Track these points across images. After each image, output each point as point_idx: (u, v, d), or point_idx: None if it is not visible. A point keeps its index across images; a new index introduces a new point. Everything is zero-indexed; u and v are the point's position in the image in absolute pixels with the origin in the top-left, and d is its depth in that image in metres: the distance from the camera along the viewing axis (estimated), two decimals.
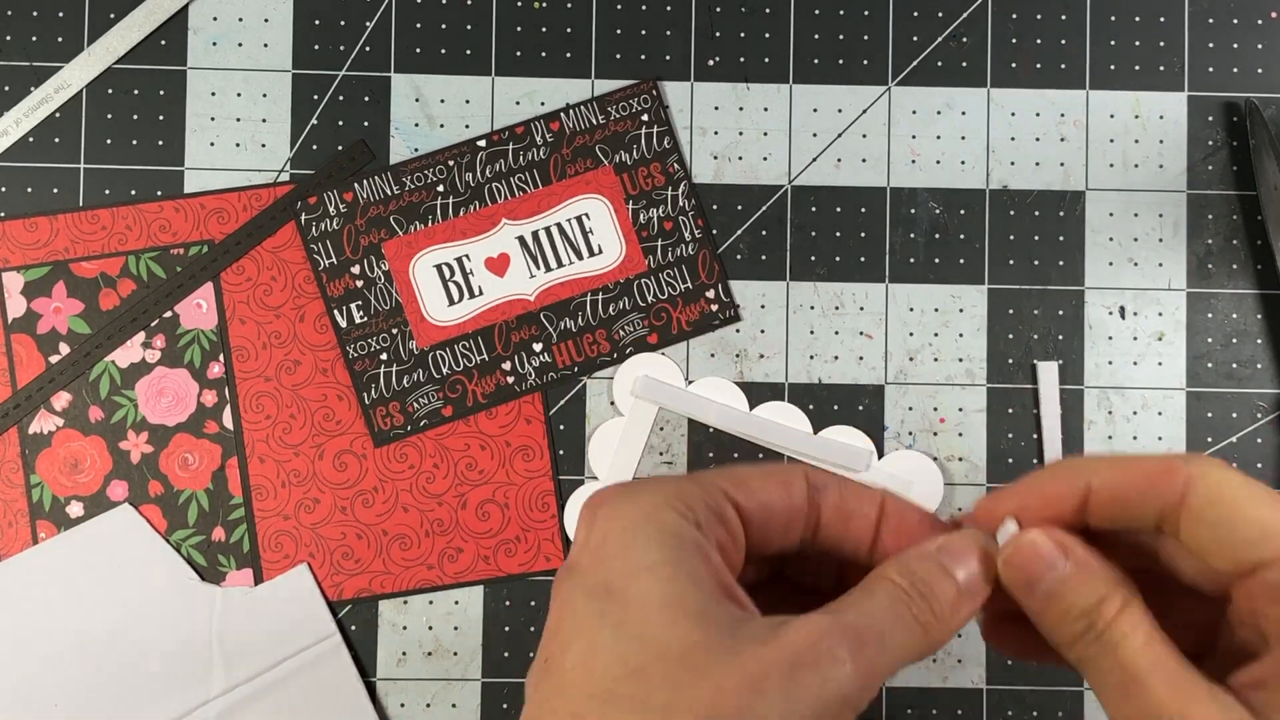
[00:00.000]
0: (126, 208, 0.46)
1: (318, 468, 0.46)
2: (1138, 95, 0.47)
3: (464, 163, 0.46)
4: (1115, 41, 0.47)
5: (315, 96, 0.46)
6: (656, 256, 0.46)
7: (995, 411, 0.46)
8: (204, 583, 0.45)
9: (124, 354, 0.46)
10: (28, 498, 0.45)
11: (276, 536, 0.45)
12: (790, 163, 0.47)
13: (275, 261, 0.46)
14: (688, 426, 0.46)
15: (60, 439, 0.45)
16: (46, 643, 0.44)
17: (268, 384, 0.46)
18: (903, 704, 0.46)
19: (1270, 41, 0.47)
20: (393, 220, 0.46)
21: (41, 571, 0.45)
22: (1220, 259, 0.47)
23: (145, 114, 0.46)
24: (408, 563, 0.45)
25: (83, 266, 0.46)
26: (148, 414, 0.45)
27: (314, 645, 0.45)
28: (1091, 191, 0.47)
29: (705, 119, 0.47)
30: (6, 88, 0.46)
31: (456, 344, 0.46)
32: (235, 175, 0.46)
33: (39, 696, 0.44)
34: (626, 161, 0.46)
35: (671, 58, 0.47)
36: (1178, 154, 0.47)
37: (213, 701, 0.44)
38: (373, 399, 0.46)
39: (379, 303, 0.46)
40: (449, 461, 0.46)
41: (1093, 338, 0.46)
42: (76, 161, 0.46)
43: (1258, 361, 0.46)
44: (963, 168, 0.47)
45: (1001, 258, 0.46)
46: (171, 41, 0.46)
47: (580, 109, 0.46)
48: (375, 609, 0.45)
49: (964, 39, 0.47)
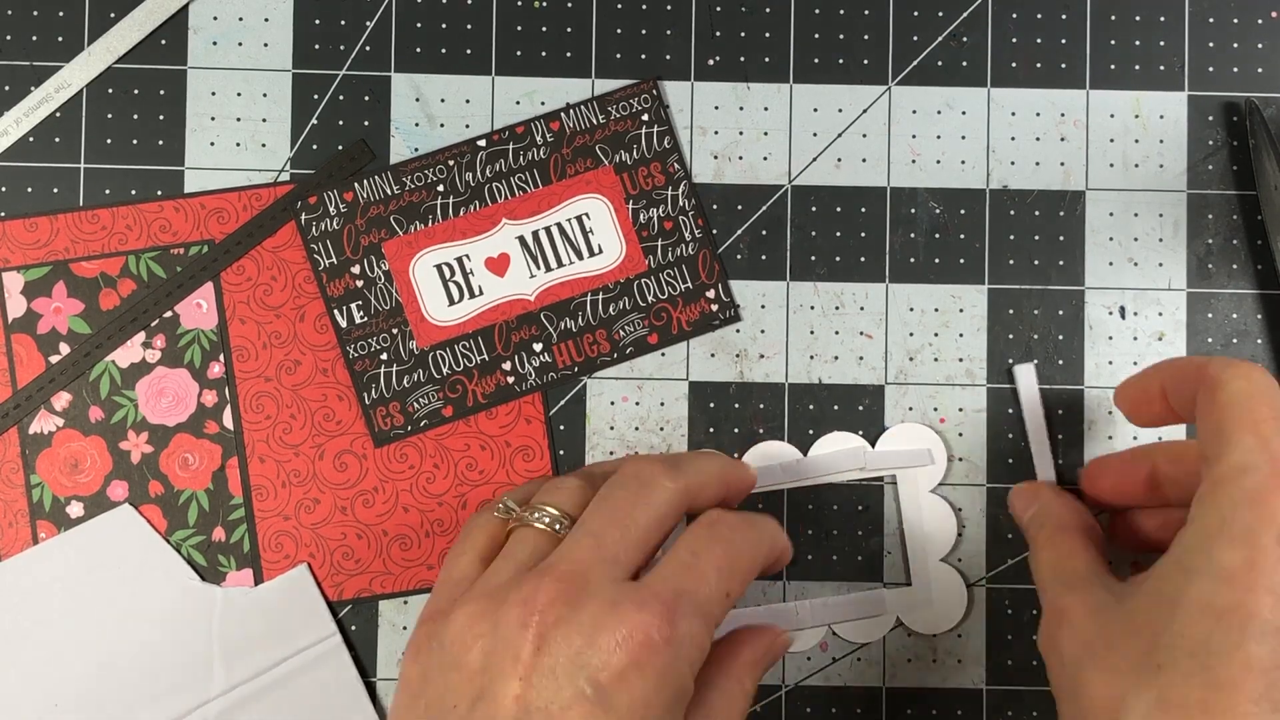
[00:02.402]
0: (126, 208, 0.46)
1: (318, 468, 0.46)
2: (1138, 95, 0.47)
3: (464, 162, 0.46)
4: (1115, 41, 0.47)
5: (315, 96, 0.46)
6: (657, 256, 0.46)
7: (995, 411, 0.46)
8: (204, 583, 0.45)
9: (124, 354, 0.46)
10: (28, 498, 0.45)
11: (276, 536, 0.45)
12: (790, 162, 0.47)
13: (275, 261, 0.46)
14: (688, 426, 0.46)
15: (60, 439, 0.45)
16: (46, 643, 0.44)
17: (268, 384, 0.46)
18: (902, 704, 0.46)
19: (1270, 41, 0.47)
20: (393, 220, 0.46)
21: (41, 571, 0.45)
22: (1220, 259, 0.47)
23: (145, 114, 0.46)
24: (408, 563, 0.45)
25: (83, 266, 0.46)
26: (148, 414, 0.45)
27: (314, 645, 0.45)
28: (1091, 191, 0.47)
29: (705, 119, 0.47)
30: (6, 88, 0.46)
31: (457, 344, 0.46)
32: (235, 175, 0.46)
33: (39, 696, 0.44)
34: (626, 161, 0.46)
35: (672, 57, 0.47)
36: (1178, 154, 0.47)
37: (213, 701, 0.44)
38: (373, 399, 0.46)
39: (379, 303, 0.46)
40: (449, 462, 0.46)
41: (1093, 338, 0.46)
42: (76, 161, 0.46)
43: (1258, 361, 0.46)
44: (963, 167, 0.47)
45: (1001, 258, 0.46)
46: (171, 41, 0.46)
47: (580, 109, 0.46)
48: (375, 609, 0.45)
49: (964, 39, 0.47)
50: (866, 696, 0.46)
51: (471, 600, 0.34)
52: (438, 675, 0.33)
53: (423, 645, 0.35)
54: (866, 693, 0.46)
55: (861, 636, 0.46)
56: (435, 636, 0.34)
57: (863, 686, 0.46)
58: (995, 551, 0.46)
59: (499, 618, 0.33)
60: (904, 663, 0.46)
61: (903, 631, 0.46)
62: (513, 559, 0.36)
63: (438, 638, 0.34)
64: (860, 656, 0.46)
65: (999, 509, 0.46)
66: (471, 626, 0.33)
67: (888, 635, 0.46)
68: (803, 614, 0.46)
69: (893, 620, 0.46)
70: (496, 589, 0.34)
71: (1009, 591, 0.46)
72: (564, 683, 0.31)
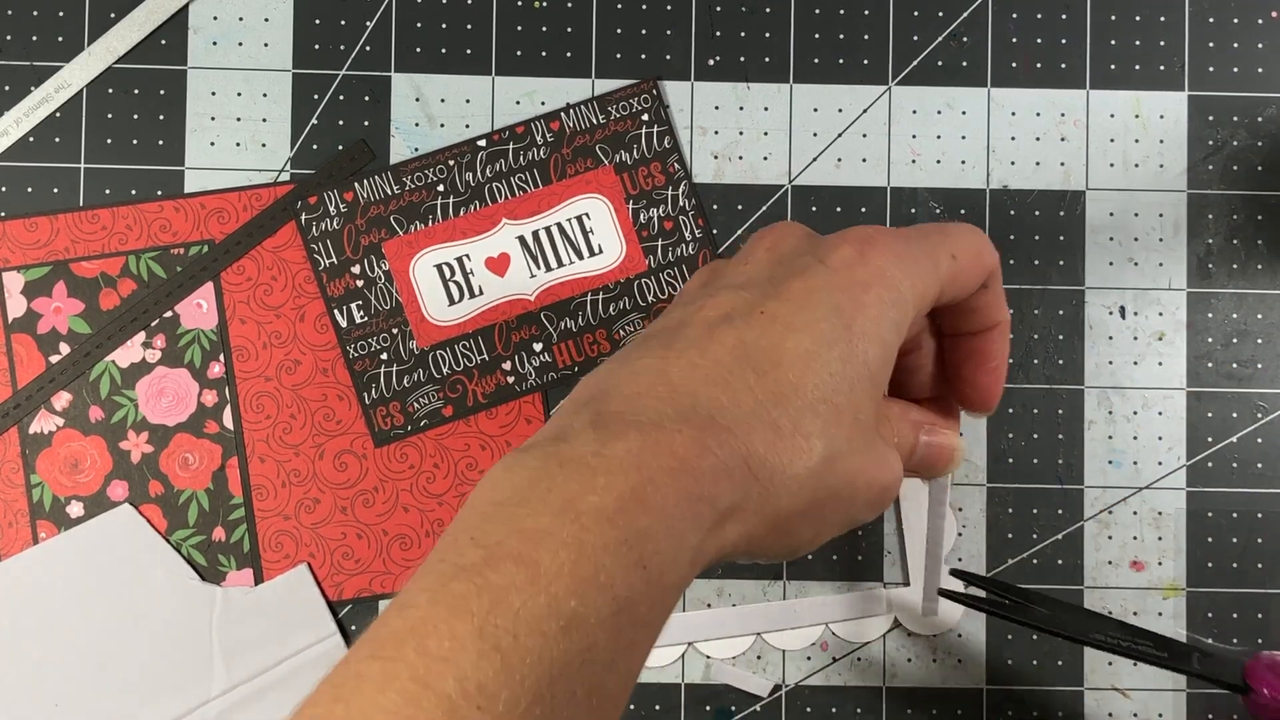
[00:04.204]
0: (127, 207, 0.46)
1: (318, 468, 0.46)
2: (1138, 95, 0.47)
3: (464, 162, 0.46)
4: (1115, 41, 0.47)
5: (315, 96, 0.46)
6: (657, 256, 0.46)
7: (995, 411, 0.46)
8: (204, 583, 0.45)
9: (124, 354, 0.45)
10: (28, 498, 0.45)
11: (277, 536, 0.45)
12: (790, 162, 0.47)
13: (275, 261, 0.46)
14: None
15: (60, 439, 0.45)
16: (46, 643, 0.44)
17: (268, 384, 0.46)
18: (903, 704, 0.46)
19: (1270, 41, 0.47)
20: (393, 220, 0.46)
21: (41, 571, 0.45)
22: (1220, 259, 0.47)
23: (145, 114, 0.46)
24: (408, 563, 0.45)
25: (83, 266, 0.46)
26: (148, 414, 0.45)
27: (314, 645, 0.45)
28: (1091, 191, 0.47)
29: (705, 119, 0.47)
30: (6, 88, 0.46)
31: (457, 344, 0.46)
32: (235, 175, 0.46)
33: (39, 696, 0.44)
34: (627, 161, 0.46)
35: (672, 57, 0.47)
36: (1178, 154, 0.47)
37: (213, 701, 0.44)
38: (373, 399, 0.46)
39: (379, 302, 0.46)
40: (449, 461, 0.46)
41: (1093, 337, 0.46)
42: (76, 161, 0.46)
43: (1258, 361, 0.46)
44: (963, 167, 0.47)
45: (1002, 258, 0.46)
46: (171, 41, 0.46)
47: (580, 109, 0.46)
48: (375, 609, 0.45)
49: (964, 39, 0.47)
50: (866, 696, 0.46)
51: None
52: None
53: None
54: (866, 693, 0.46)
55: (861, 636, 0.46)
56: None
57: (863, 686, 0.46)
58: (995, 551, 0.46)
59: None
60: (904, 663, 0.46)
61: (903, 631, 0.46)
62: None
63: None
64: (860, 656, 0.46)
65: (999, 509, 0.46)
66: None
67: (888, 635, 0.46)
68: (802, 613, 0.46)
69: (892, 620, 0.46)
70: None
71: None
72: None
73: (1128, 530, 0.46)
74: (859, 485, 0.31)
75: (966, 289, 0.34)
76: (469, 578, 0.25)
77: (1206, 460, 0.46)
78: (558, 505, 0.26)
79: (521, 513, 0.26)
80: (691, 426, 0.28)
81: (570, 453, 0.27)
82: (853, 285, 0.31)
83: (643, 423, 0.28)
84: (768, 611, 0.46)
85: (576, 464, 0.27)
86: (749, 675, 0.46)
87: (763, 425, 0.29)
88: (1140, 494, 0.46)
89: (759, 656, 0.46)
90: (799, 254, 0.33)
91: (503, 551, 0.25)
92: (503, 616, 0.24)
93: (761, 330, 0.30)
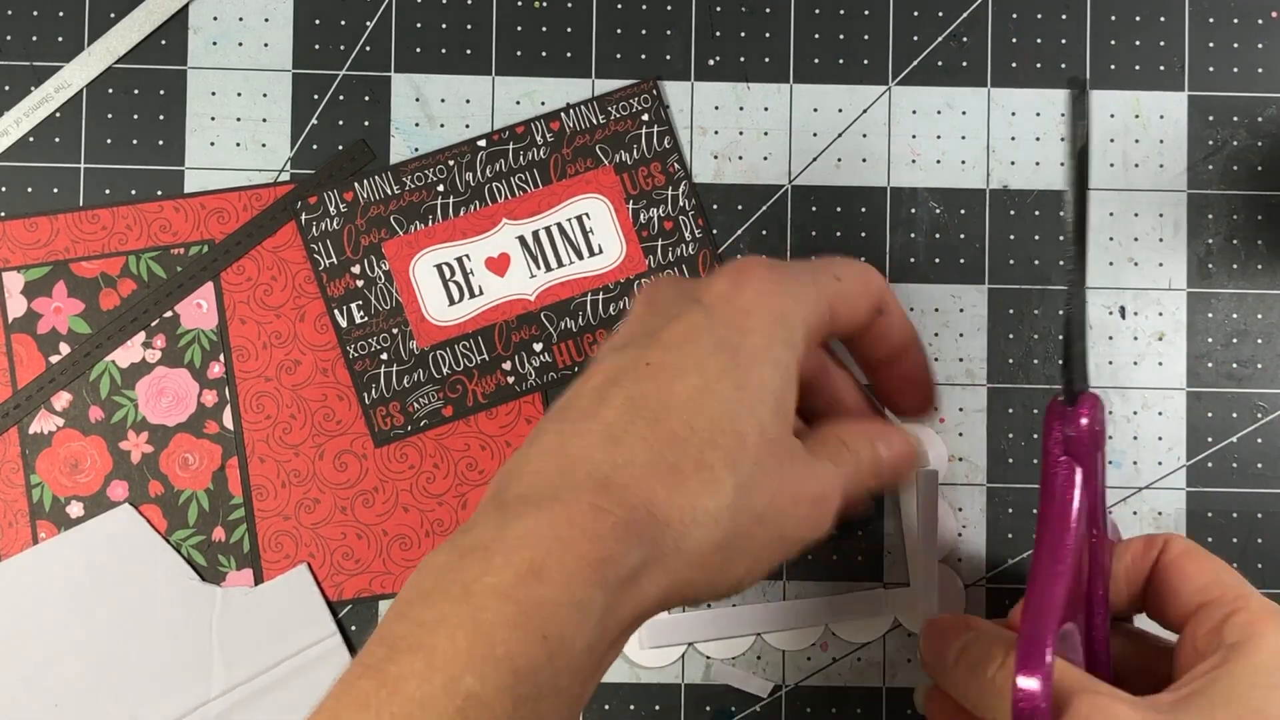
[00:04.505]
0: (126, 208, 0.46)
1: (318, 468, 0.46)
2: (1138, 95, 0.47)
3: (464, 162, 0.46)
4: (1115, 41, 0.47)
5: (315, 96, 0.46)
6: (657, 256, 0.46)
7: (995, 411, 0.46)
8: (204, 583, 0.45)
9: (124, 354, 0.46)
10: (28, 498, 0.45)
11: (276, 536, 0.45)
12: (790, 162, 0.47)
13: (275, 261, 0.46)
14: None
15: (60, 439, 0.45)
16: (46, 643, 0.44)
17: (268, 384, 0.46)
18: (903, 704, 0.46)
19: (1270, 41, 0.47)
20: (393, 220, 0.46)
21: (41, 571, 0.45)
22: (1220, 259, 0.47)
23: (145, 114, 0.46)
24: (408, 563, 0.45)
25: (83, 266, 0.46)
26: (148, 414, 0.45)
27: (314, 645, 0.45)
28: (1091, 191, 0.47)
29: (705, 119, 0.47)
30: (6, 88, 0.46)
31: (457, 344, 0.46)
32: (235, 175, 0.46)
33: (39, 696, 0.44)
34: (627, 161, 0.46)
35: (672, 57, 0.47)
36: (1178, 154, 0.47)
37: (213, 701, 0.44)
38: (373, 399, 0.46)
39: (379, 303, 0.46)
40: (449, 461, 0.46)
41: (1093, 338, 0.46)
42: (76, 161, 0.46)
43: (1258, 361, 0.46)
44: (963, 167, 0.47)
45: (1002, 258, 0.46)
46: (171, 41, 0.46)
47: (580, 109, 0.46)
48: (375, 609, 0.45)
49: (964, 39, 0.47)
50: (866, 696, 0.46)
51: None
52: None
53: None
54: (866, 693, 0.46)
55: (861, 636, 0.46)
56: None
57: (863, 686, 0.46)
58: (995, 551, 0.46)
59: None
60: (904, 663, 0.46)
61: (903, 631, 0.46)
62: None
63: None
64: (860, 656, 0.46)
65: (999, 509, 0.46)
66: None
67: (887, 635, 0.46)
68: (802, 613, 0.46)
69: (892, 620, 0.46)
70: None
71: (1009, 591, 0.46)
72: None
73: (1128, 530, 0.46)
74: (784, 504, 0.31)
75: (858, 310, 0.35)
76: (371, 674, 0.26)
77: (1206, 460, 0.46)
78: (457, 593, 0.27)
79: (422, 607, 0.27)
80: (586, 492, 0.29)
81: (471, 542, 0.28)
82: (733, 315, 0.32)
83: (540, 499, 0.29)
84: (768, 611, 0.46)
85: (477, 551, 0.28)
86: (749, 676, 0.46)
87: (662, 471, 0.29)
88: (1140, 494, 0.46)
89: (759, 657, 0.46)
90: (673, 300, 0.33)
91: (403, 645, 0.27)
92: (400, 704, 0.26)
93: (649, 382, 0.30)
